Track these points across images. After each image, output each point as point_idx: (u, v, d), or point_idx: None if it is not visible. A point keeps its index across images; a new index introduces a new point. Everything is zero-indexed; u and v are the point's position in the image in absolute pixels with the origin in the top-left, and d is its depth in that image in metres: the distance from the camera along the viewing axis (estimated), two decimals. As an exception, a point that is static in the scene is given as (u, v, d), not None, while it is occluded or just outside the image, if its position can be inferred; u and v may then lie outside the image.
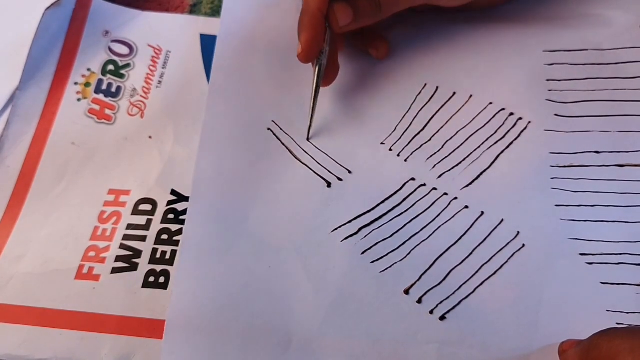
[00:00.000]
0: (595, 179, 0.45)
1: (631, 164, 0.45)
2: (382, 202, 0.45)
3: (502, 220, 0.44)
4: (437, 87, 0.50)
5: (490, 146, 0.47)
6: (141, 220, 0.47)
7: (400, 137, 0.48)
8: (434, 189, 0.46)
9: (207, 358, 0.40)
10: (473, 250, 0.43)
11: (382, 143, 0.48)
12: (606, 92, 0.48)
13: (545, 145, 0.46)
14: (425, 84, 0.51)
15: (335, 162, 0.47)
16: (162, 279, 0.44)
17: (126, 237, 0.46)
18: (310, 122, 0.48)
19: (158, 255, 0.45)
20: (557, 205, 0.44)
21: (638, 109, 0.47)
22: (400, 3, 0.49)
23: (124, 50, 0.55)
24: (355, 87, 0.51)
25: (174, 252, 0.45)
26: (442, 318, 0.40)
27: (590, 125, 0.47)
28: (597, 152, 0.46)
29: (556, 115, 0.48)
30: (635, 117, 0.47)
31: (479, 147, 0.47)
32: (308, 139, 0.49)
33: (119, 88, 0.53)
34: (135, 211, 0.47)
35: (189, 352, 0.40)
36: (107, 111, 0.52)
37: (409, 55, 0.52)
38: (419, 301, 0.41)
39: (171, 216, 0.47)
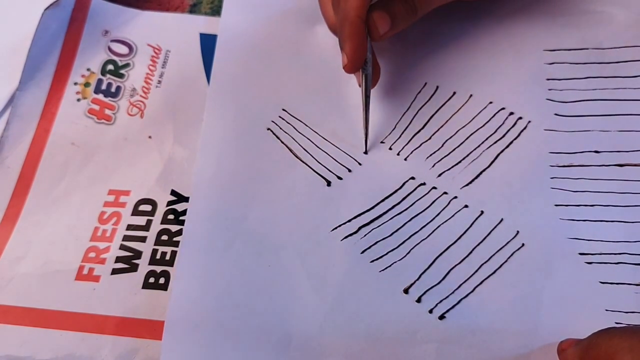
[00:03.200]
0: (594, 178, 0.45)
1: (631, 163, 0.45)
2: (382, 200, 0.45)
3: (502, 220, 0.44)
4: (437, 87, 0.50)
5: (490, 145, 0.47)
6: (141, 220, 0.47)
7: (400, 136, 0.48)
8: (434, 187, 0.46)
9: (207, 358, 0.40)
10: (472, 250, 0.43)
11: (382, 142, 0.48)
12: (606, 91, 0.48)
13: (545, 145, 0.46)
14: (425, 83, 0.51)
15: (335, 160, 0.47)
16: (162, 280, 0.44)
17: (126, 238, 0.46)
18: (366, 133, 0.48)
19: (158, 256, 0.45)
20: (556, 205, 0.44)
21: (638, 108, 0.47)
22: (434, 1, 0.48)
23: (123, 49, 0.55)
24: (354, 85, 0.51)
25: (174, 253, 0.45)
26: (442, 317, 0.40)
27: (590, 124, 0.47)
28: (596, 152, 0.46)
29: (556, 114, 0.48)
30: (635, 116, 0.47)
31: (478, 146, 0.47)
32: (366, 152, 0.48)
33: (118, 88, 0.53)
34: (135, 212, 0.47)
35: (189, 351, 0.40)
36: (107, 111, 0.52)
37: (409, 54, 0.52)
38: (419, 300, 0.41)
39: (171, 217, 0.47)
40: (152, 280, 0.44)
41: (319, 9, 0.51)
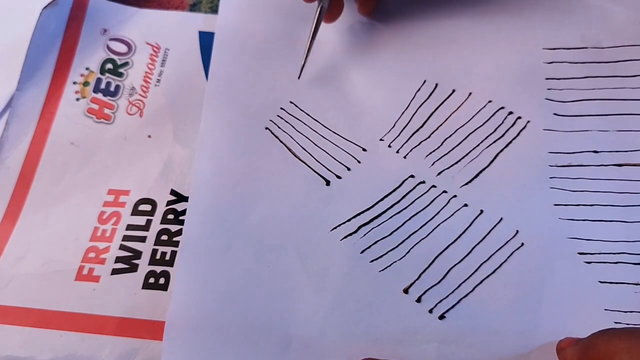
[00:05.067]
0: (593, 178, 0.45)
1: (630, 163, 0.45)
2: (381, 199, 0.45)
3: (501, 219, 0.44)
4: (437, 84, 0.50)
5: (490, 145, 0.47)
6: (141, 220, 0.47)
7: (400, 134, 0.48)
8: (433, 186, 0.46)
9: (207, 358, 0.40)
10: (472, 249, 0.43)
11: (381, 139, 0.48)
12: (605, 90, 0.48)
13: (544, 145, 0.46)
14: (425, 81, 0.51)
15: (334, 159, 0.47)
16: (162, 280, 0.44)
17: (126, 238, 0.46)
18: (304, 62, 0.50)
19: (158, 256, 0.45)
20: (555, 205, 0.44)
21: (637, 108, 0.47)
22: None
23: (122, 48, 0.55)
24: (354, 83, 0.51)
25: (173, 253, 0.45)
26: (442, 317, 0.40)
27: (589, 124, 0.47)
28: (595, 152, 0.46)
29: (555, 114, 0.48)
30: (634, 116, 0.47)
31: (478, 145, 0.47)
32: (299, 78, 0.50)
33: (117, 87, 0.53)
34: (135, 211, 0.47)
35: (189, 352, 0.40)
36: (106, 110, 0.52)
37: (409, 51, 0.52)
38: (419, 300, 0.41)
39: (171, 216, 0.47)
40: (152, 280, 0.44)
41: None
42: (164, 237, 0.46)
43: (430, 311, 0.41)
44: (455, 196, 0.45)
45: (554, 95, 0.48)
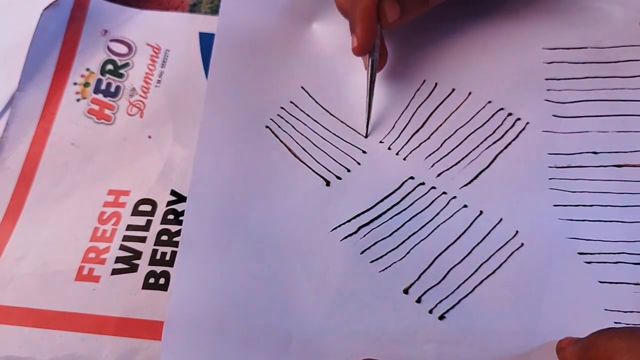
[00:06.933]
0: (593, 179, 0.45)
1: (629, 164, 0.45)
2: (381, 200, 0.45)
3: (501, 220, 0.44)
4: (436, 84, 0.50)
5: (489, 146, 0.47)
6: (141, 221, 0.47)
7: (399, 136, 0.48)
8: (433, 187, 0.46)
9: (207, 358, 0.40)
10: (472, 250, 0.43)
11: (380, 142, 0.48)
12: (605, 91, 0.48)
13: (543, 146, 0.46)
14: (424, 80, 0.51)
15: (335, 160, 0.47)
16: (162, 281, 0.44)
17: (126, 238, 0.46)
18: (368, 117, 0.48)
19: (158, 257, 0.45)
20: (555, 205, 0.44)
21: (637, 109, 0.47)
22: None
23: (122, 49, 0.55)
24: (353, 84, 0.51)
25: (174, 253, 0.45)
26: (442, 317, 0.40)
27: (589, 125, 0.47)
28: (595, 153, 0.46)
29: (554, 115, 0.47)
30: (634, 116, 0.47)
31: (477, 146, 0.47)
32: (367, 136, 0.49)
33: (118, 88, 0.53)
34: (135, 212, 0.47)
35: (189, 352, 0.40)
36: (107, 111, 0.52)
37: (408, 50, 0.52)
38: (418, 300, 0.41)
39: (171, 217, 0.47)
40: (152, 280, 0.44)
41: (316, 5, 0.51)
42: (164, 238, 0.46)
43: (430, 311, 0.41)
44: (455, 197, 0.45)
45: (553, 96, 0.48)
